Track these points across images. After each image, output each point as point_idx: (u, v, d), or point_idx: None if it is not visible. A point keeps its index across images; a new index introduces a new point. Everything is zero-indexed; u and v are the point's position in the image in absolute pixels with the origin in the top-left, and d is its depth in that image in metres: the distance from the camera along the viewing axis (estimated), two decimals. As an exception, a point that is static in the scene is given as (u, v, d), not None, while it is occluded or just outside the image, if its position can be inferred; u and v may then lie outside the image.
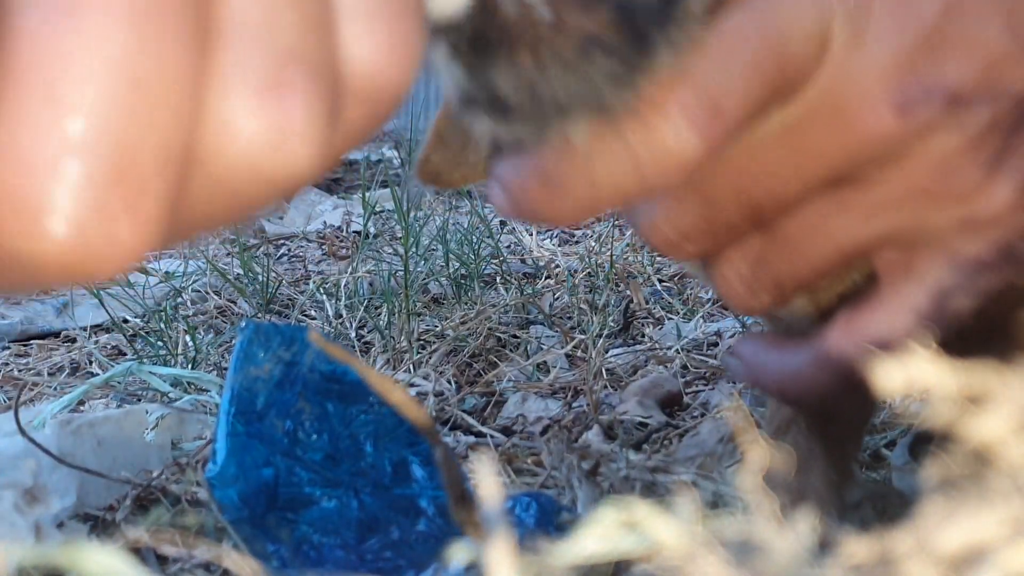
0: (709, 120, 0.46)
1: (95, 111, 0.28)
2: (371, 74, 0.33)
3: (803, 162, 0.49)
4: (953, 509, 0.27)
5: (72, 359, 1.40)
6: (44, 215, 0.28)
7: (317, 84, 0.31)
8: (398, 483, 0.82)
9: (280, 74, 0.30)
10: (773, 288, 0.53)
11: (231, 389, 0.79)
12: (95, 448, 0.95)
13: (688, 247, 0.52)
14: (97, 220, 0.29)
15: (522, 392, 1.16)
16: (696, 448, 0.98)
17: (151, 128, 0.29)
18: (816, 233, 0.51)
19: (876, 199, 0.50)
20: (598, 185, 0.47)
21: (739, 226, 0.51)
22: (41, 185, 0.28)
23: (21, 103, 0.28)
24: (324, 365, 0.82)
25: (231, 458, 0.77)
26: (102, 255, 0.29)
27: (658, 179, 0.46)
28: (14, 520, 0.83)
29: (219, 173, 0.31)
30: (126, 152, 0.29)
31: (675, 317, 1.41)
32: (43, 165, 0.28)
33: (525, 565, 0.28)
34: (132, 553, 0.80)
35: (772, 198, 0.50)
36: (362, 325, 1.42)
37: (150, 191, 0.29)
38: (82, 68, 0.28)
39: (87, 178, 0.28)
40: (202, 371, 1.25)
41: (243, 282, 1.60)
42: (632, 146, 0.46)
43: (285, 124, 0.31)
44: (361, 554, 0.78)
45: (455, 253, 1.59)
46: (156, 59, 0.28)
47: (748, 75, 0.46)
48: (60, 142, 0.28)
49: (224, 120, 0.30)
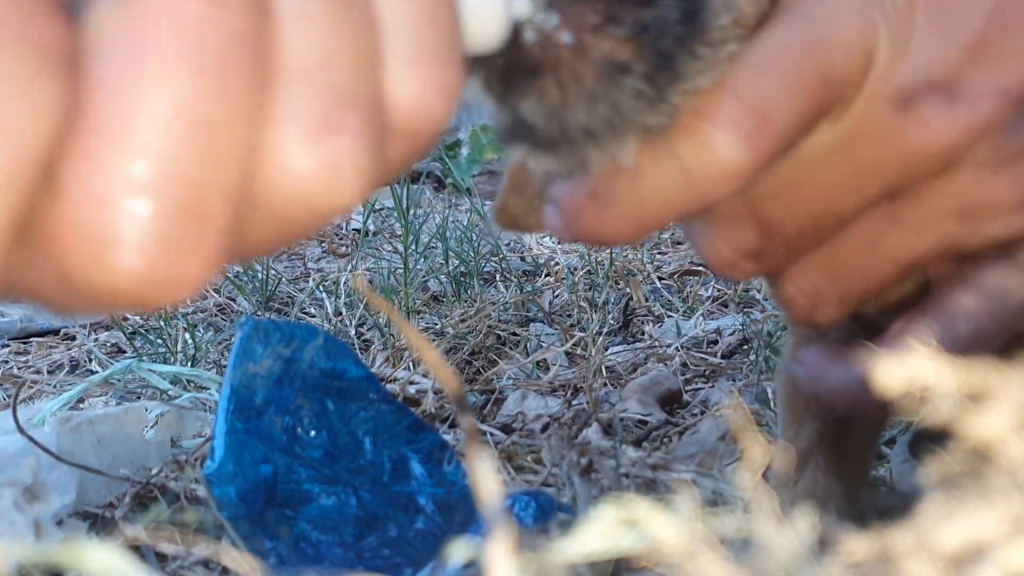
0: (757, 131, 0.46)
1: (164, 154, 0.30)
2: (412, 113, 0.35)
3: (857, 178, 0.50)
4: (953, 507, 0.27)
5: (72, 357, 1.40)
6: (115, 248, 0.30)
7: (366, 125, 0.33)
8: (397, 480, 0.82)
9: (333, 116, 0.32)
10: (837, 304, 0.53)
11: (230, 386, 0.79)
12: (95, 446, 0.95)
13: (747, 266, 0.52)
14: (165, 253, 0.31)
15: (522, 390, 1.16)
16: (696, 446, 0.98)
17: (215, 169, 0.31)
18: (873, 249, 0.52)
19: (929, 211, 0.50)
20: (647, 199, 0.47)
21: (796, 244, 0.52)
22: (113, 221, 0.30)
23: (96, 144, 0.30)
24: (323, 362, 0.82)
25: (229, 455, 0.77)
26: (169, 285, 0.31)
27: (708, 191, 0.47)
28: (14, 518, 0.83)
29: (274, 206, 0.33)
30: (192, 191, 0.31)
31: (675, 315, 1.40)
32: (115, 202, 0.30)
33: (524, 563, 0.28)
34: (131, 550, 0.80)
35: (829, 215, 0.51)
36: (362, 323, 1.42)
37: (214, 226, 0.31)
38: (152, 113, 0.30)
39: (156, 215, 0.30)
40: (201, 369, 1.25)
41: (242, 280, 1.60)
42: (681, 159, 0.46)
43: (336, 163, 0.33)
44: (359, 551, 0.78)
45: (455, 251, 1.59)
46: (221, 105, 0.31)
47: (794, 88, 0.46)
48: (130, 181, 0.30)
49: (280, 158, 0.32)
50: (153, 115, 0.30)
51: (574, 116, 0.44)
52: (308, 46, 0.32)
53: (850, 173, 0.49)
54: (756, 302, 1.46)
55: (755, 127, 0.46)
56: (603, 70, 0.43)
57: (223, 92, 0.31)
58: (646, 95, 0.44)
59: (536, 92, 0.44)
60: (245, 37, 0.31)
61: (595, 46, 0.43)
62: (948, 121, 0.48)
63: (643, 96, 0.44)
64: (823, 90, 0.47)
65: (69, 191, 0.30)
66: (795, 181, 0.50)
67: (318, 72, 0.32)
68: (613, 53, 0.43)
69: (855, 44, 0.47)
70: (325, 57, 0.32)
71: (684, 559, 0.28)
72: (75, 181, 0.30)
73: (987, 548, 0.27)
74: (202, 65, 0.30)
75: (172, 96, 0.30)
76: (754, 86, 0.46)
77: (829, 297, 0.53)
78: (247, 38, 0.31)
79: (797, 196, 0.50)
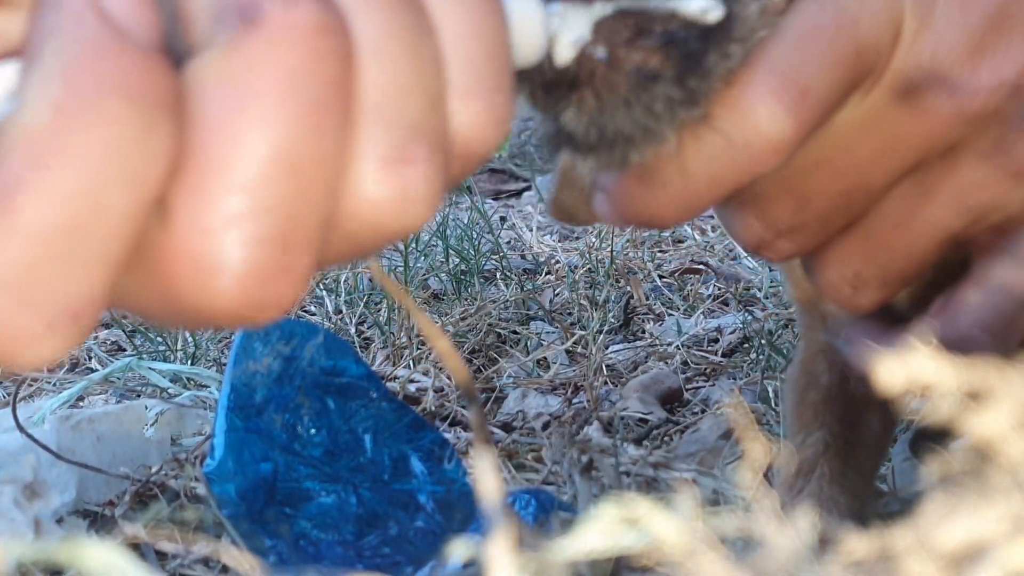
0: (798, 103, 0.47)
1: (263, 190, 0.33)
2: (471, 140, 0.38)
3: (887, 150, 0.51)
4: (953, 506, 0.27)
5: (71, 355, 1.40)
6: (218, 275, 0.34)
7: (434, 155, 0.36)
8: (397, 478, 0.82)
9: (406, 148, 0.36)
10: (879, 285, 0.54)
11: (230, 384, 0.79)
12: (94, 444, 0.95)
13: (783, 245, 0.53)
14: (261, 279, 0.34)
15: (522, 388, 1.16)
16: (696, 444, 0.98)
17: (307, 203, 0.34)
18: (909, 224, 0.52)
19: (961, 183, 0.51)
20: (695, 177, 0.49)
21: (830, 219, 0.52)
22: (216, 250, 0.34)
23: (202, 181, 0.33)
24: (324, 360, 0.82)
25: (229, 453, 0.77)
26: (265, 307, 0.35)
27: (754, 164, 0.48)
28: (14, 515, 0.83)
29: (351, 230, 0.36)
30: (287, 224, 0.34)
31: (675, 313, 1.40)
32: (218, 233, 0.33)
33: (524, 561, 0.28)
34: (131, 548, 0.80)
35: (859, 189, 0.52)
36: (362, 321, 1.42)
37: (304, 254, 0.35)
38: (254, 154, 0.33)
39: (253, 244, 0.34)
40: (201, 367, 1.25)
41: (243, 278, 1.60)
42: (726, 134, 0.48)
43: (408, 192, 0.36)
44: (359, 550, 0.78)
45: (455, 249, 1.59)
46: (313, 146, 0.34)
47: (829, 62, 0.48)
48: (232, 215, 0.33)
49: (359, 188, 0.36)
50: (254, 156, 0.33)
51: (611, 123, 0.47)
52: (385, 85, 0.35)
53: (881, 145, 0.51)
54: (757, 300, 1.46)
55: (795, 99, 0.47)
56: (635, 79, 0.46)
57: (315, 134, 0.34)
58: (678, 97, 0.46)
59: (575, 103, 0.47)
60: (336, 84, 0.34)
61: (626, 58, 0.45)
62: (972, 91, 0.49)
63: (675, 98, 0.46)
64: (856, 62, 0.48)
65: (177, 223, 0.34)
66: (827, 155, 0.51)
67: (392, 108, 0.36)
68: (643, 63, 0.46)
69: (883, 17, 0.49)
70: (399, 94, 0.36)
71: (684, 558, 0.28)
72: (182, 214, 0.33)
73: (988, 547, 0.27)
74: (298, 111, 0.34)
75: (271, 139, 0.33)
76: (791, 61, 0.48)
77: (870, 278, 0.54)
78: (338, 85, 0.34)
79: (829, 170, 0.51)
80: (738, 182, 0.49)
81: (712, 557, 0.28)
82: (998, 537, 0.27)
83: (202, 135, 0.33)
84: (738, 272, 1.60)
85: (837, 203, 0.52)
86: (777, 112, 0.47)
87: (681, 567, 0.28)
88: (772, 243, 0.53)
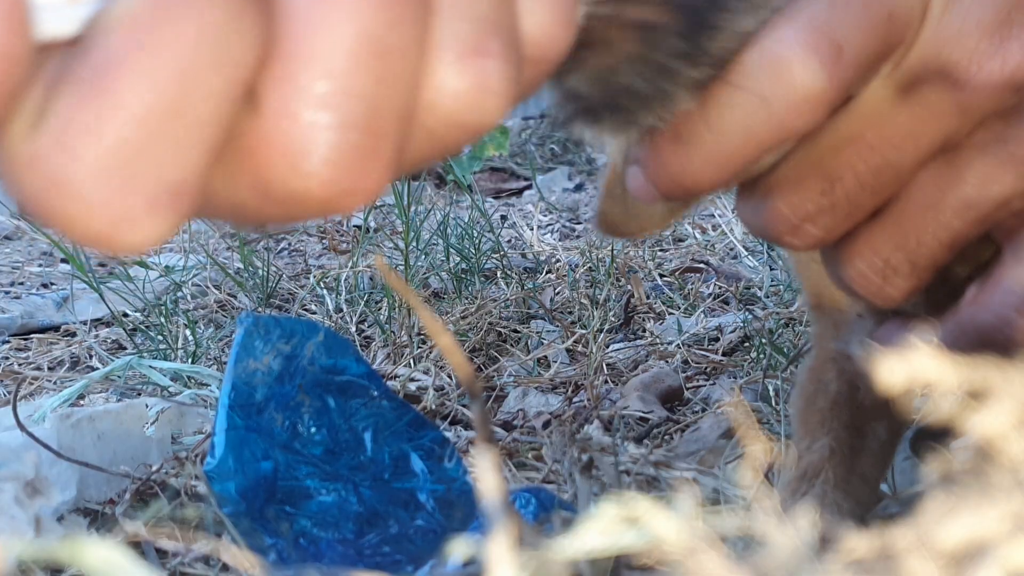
0: (832, 59, 0.47)
1: (348, 76, 0.35)
2: (539, 41, 0.39)
3: (917, 126, 0.50)
4: (954, 505, 0.27)
5: (72, 353, 1.40)
6: (306, 158, 0.35)
7: (508, 50, 0.37)
8: (397, 477, 0.82)
9: (480, 41, 0.37)
10: (909, 272, 0.53)
11: (230, 382, 0.79)
12: (95, 442, 0.95)
13: (811, 229, 0.53)
14: (348, 163, 0.35)
15: (523, 387, 1.16)
16: (697, 443, 0.98)
17: (390, 90, 0.36)
18: (938, 206, 0.52)
19: (990, 162, 0.51)
20: (729, 133, 0.48)
21: (857, 200, 0.52)
22: (304, 134, 0.35)
23: (290, 68, 0.34)
24: (324, 359, 0.82)
25: (229, 452, 0.77)
26: (352, 191, 0.36)
27: (788, 120, 0.48)
28: (14, 513, 0.83)
29: (430, 123, 0.38)
30: (371, 109, 0.35)
31: (676, 312, 1.40)
32: (306, 118, 0.35)
33: (525, 560, 0.28)
34: (132, 546, 0.80)
35: (889, 167, 0.51)
36: (362, 319, 1.42)
37: (388, 140, 0.36)
38: (339, 42, 0.35)
39: (341, 129, 0.35)
40: (202, 365, 1.25)
41: (243, 276, 1.60)
42: (760, 88, 0.47)
43: (485, 84, 0.37)
44: (360, 548, 0.78)
45: (456, 247, 1.59)
46: (395, 35, 0.35)
47: (863, 21, 0.48)
48: (320, 100, 0.35)
49: (437, 81, 0.37)
50: (340, 43, 0.35)
51: (616, 80, 0.46)
52: None
53: (910, 121, 0.50)
54: (757, 299, 1.46)
55: (830, 54, 0.47)
56: (640, 35, 0.45)
57: (397, 24, 0.35)
58: (683, 52, 0.46)
59: (578, 63, 0.46)
60: None
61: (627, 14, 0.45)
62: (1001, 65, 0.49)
63: (681, 53, 0.46)
64: (888, 29, 0.48)
65: (266, 109, 0.35)
66: (857, 130, 0.51)
67: (466, 4, 0.37)
68: (643, 17, 0.45)
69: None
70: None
71: (685, 557, 0.28)
72: (272, 100, 0.35)
73: (988, 546, 0.27)
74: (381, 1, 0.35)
75: (356, 27, 0.35)
76: (827, 18, 0.47)
77: (900, 266, 0.53)
78: None
79: (858, 147, 0.51)
80: (773, 139, 0.48)
81: (712, 556, 0.28)
82: (999, 536, 0.27)
83: (290, 24, 0.35)
84: (739, 271, 1.60)
85: (866, 183, 0.51)
86: (812, 65, 0.47)
87: (681, 566, 0.28)
88: (798, 228, 0.52)
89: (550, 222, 2.09)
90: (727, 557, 0.28)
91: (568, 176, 2.64)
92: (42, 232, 1.72)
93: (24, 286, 1.76)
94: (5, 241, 2.08)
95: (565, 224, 2.07)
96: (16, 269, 1.85)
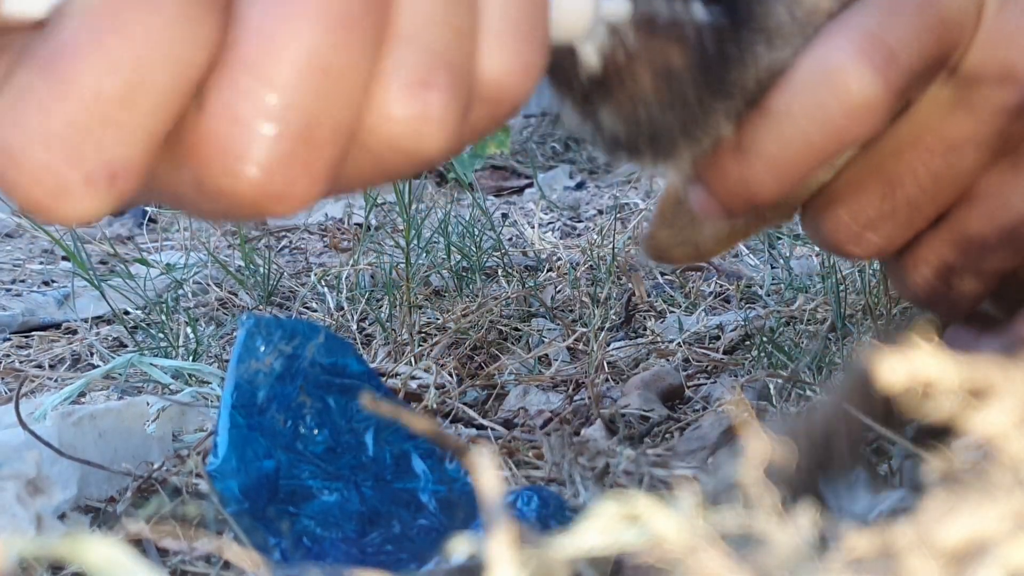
0: (887, 64, 0.47)
1: (292, 89, 0.37)
2: (498, 83, 0.40)
3: (975, 128, 0.50)
4: (955, 503, 0.27)
5: (73, 351, 1.40)
6: (243, 161, 0.37)
7: (455, 85, 0.39)
8: (399, 477, 0.82)
9: (428, 73, 0.38)
10: (974, 278, 0.53)
11: (232, 382, 0.79)
12: (96, 440, 0.95)
13: (872, 237, 0.52)
14: (279, 170, 0.37)
15: (523, 385, 1.16)
16: (698, 441, 0.98)
17: (331, 107, 0.37)
18: (1005, 208, 0.51)
19: None
20: (789, 142, 0.48)
21: (920, 208, 0.52)
22: (244, 138, 0.37)
23: (237, 72, 0.36)
24: (325, 359, 0.82)
25: (232, 451, 0.77)
26: (281, 197, 0.38)
27: (846, 127, 0.48)
28: (16, 511, 0.83)
29: (372, 147, 0.39)
30: (309, 122, 0.37)
31: (677, 310, 1.40)
32: (247, 123, 0.37)
33: (525, 559, 0.28)
34: (133, 545, 0.80)
35: (951, 168, 0.51)
36: (363, 318, 1.42)
37: (323, 155, 0.38)
38: (288, 56, 0.36)
39: (277, 138, 0.37)
40: (203, 363, 1.25)
41: (244, 274, 1.60)
42: (816, 95, 0.47)
43: (426, 114, 0.39)
44: (362, 547, 0.78)
45: (457, 246, 1.59)
46: (343, 56, 0.37)
47: (916, 27, 0.48)
48: (260, 108, 0.37)
49: (381, 106, 0.39)
50: (287, 57, 0.36)
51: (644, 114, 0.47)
52: (416, 14, 0.38)
53: (970, 125, 0.50)
54: (758, 298, 1.46)
55: (884, 60, 0.47)
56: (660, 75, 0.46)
57: (346, 45, 0.37)
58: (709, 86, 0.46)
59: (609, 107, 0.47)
60: (373, 4, 0.37)
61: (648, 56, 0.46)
62: None
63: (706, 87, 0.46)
64: (942, 32, 0.48)
65: (211, 110, 0.37)
66: (915, 136, 0.51)
67: (421, 37, 0.38)
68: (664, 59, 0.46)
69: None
70: (428, 24, 0.38)
71: (685, 555, 0.28)
72: (217, 102, 0.37)
73: (989, 544, 0.27)
74: (333, 22, 0.36)
75: (306, 43, 0.36)
76: (879, 24, 0.47)
77: (964, 270, 0.53)
78: (374, 5, 0.37)
79: (917, 151, 0.51)
80: (832, 147, 0.48)
81: (713, 554, 0.28)
82: (1000, 535, 0.27)
83: (244, 33, 0.36)
84: (740, 269, 1.60)
85: (926, 187, 0.51)
86: (865, 72, 0.47)
87: (682, 564, 0.28)
88: (860, 236, 0.52)
89: (551, 220, 2.09)
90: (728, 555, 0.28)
91: (569, 174, 2.64)
92: (43, 230, 1.71)
93: (25, 283, 1.77)
94: (6, 239, 2.08)
95: (566, 222, 2.07)
96: (17, 266, 1.85)
